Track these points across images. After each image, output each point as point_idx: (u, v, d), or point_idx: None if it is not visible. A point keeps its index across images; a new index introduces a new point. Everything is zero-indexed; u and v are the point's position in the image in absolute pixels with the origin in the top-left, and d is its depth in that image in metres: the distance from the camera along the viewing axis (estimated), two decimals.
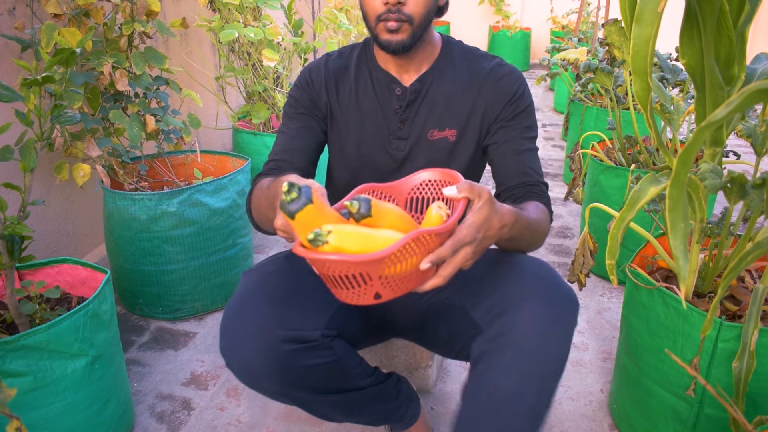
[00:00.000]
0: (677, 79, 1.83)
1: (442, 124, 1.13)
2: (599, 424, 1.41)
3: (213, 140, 2.83)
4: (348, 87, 1.15)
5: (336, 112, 1.16)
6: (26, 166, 1.10)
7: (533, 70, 6.27)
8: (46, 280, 1.35)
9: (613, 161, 2.09)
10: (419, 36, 1.05)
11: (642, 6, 0.79)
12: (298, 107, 1.16)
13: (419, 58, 1.12)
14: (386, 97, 1.14)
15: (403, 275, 0.75)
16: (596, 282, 2.09)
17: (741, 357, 1.02)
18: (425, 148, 1.14)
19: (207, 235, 1.75)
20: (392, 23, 1.02)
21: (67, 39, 1.44)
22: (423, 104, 1.13)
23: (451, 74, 1.13)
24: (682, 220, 0.70)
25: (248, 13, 2.31)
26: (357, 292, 0.75)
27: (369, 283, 0.73)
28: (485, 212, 0.80)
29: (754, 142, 1.14)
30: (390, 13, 1.01)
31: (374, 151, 1.15)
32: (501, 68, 1.13)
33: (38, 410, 1.11)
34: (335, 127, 1.17)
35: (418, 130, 1.13)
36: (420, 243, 0.74)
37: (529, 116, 1.13)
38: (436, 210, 0.81)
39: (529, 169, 1.10)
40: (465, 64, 1.14)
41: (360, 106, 1.15)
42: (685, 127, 3.38)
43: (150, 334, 1.77)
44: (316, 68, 1.17)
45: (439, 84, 1.13)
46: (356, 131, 1.15)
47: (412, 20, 1.02)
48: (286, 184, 0.72)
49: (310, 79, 1.16)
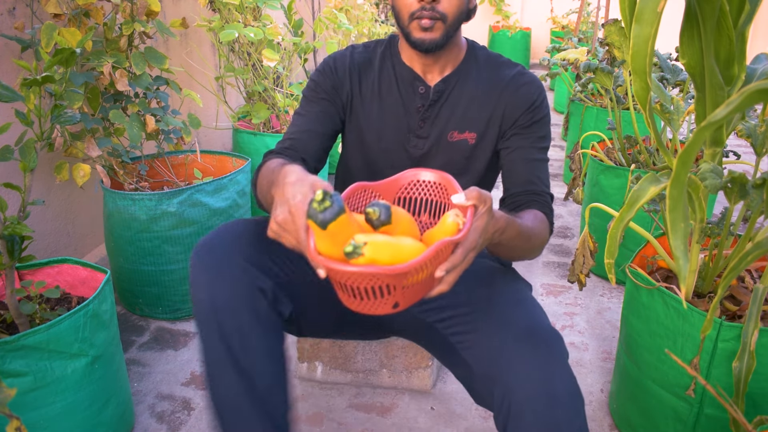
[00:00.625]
0: (677, 79, 1.83)
1: (462, 126, 1.13)
2: (599, 424, 1.41)
3: (213, 140, 2.83)
4: (371, 80, 1.16)
5: (357, 104, 1.16)
6: (26, 166, 1.10)
7: (533, 70, 6.26)
8: (46, 280, 1.35)
9: (613, 161, 2.09)
10: (451, 35, 1.05)
11: (642, 6, 0.79)
12: (319, 91, 1.16)
13: (445, 59, 1.12)
14: (409, 95, 1.14)
15: (420, 283, 0.75)
16: (596, 282, 2.09)
17: (741, 357, 1.02)
18: (444, 148, 1.14)
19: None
20: (426, 21, 1.02)
21: (67, 39, 1.44)
22: (445, 105, 1.13)
23: (474, 78, 1.14)
24: (682, 220, 0.70)
25: (248, 13, 2.31)
26: (377, 302, 0.74)
27: (393, 293, 0.73)
28: (486, 217, 0.81)
29: (754, 142, 1.14)
30: (424, 10, 1.01)
31: (393, 146, 1.16)
32: (522, 77, 1.13)
33: (38, 410, 1.11)
34: (354, 117, 1.17)
35: (438, 131, 1.14)
36: (442, 252, 0.74)
37: (543, 126, 1.13)
38: (452, 218, 0.81)
39: (536, 179, 1.10)
40: (488, 69, 1.15)
41: (382, 100, 1.15)
42: (685, 127, 3.38)
43: (150, 334, 1.77)
44: (341, 57, 1.17)
45: (463, 87, 1.13)
46: (376, 125, 1.16)
47: (446, 18, 1.03)
48: (320, 192, 0.70)
49: (335, 67, 1.16)
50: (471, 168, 1.16)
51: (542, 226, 1.02)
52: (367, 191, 0.94)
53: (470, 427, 1.40)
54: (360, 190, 0.92)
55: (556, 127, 4.07)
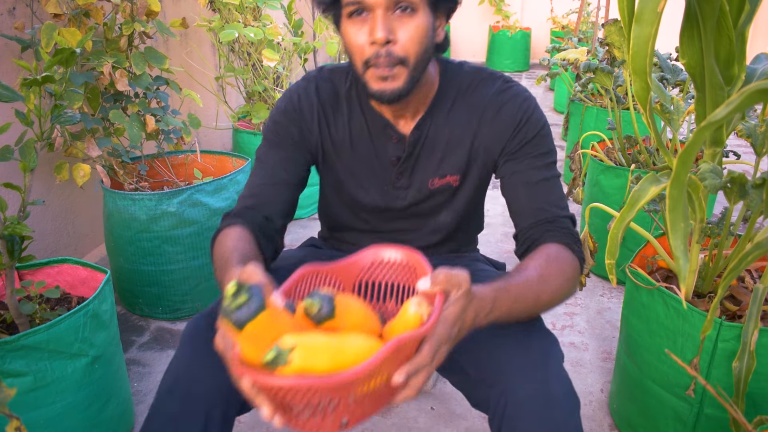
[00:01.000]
0: (677, 79, 1.83)
1: (442, 171, 1.02)
2: (599, 424, 1.41)
3: (213, 140, 2.83)
4: (341, 125, 1.02)
5: (328, 148, 1.03)
6: (26, 166, 1.10)
7: (533, 70, 6.27)
8: (46, 280, 1.35)
9: (613, 161, 2.09)
10: (417, 79, 0.90)
11: (641, 6, 0.79)
12: (282, 135, 1.02)
13: (416, 101, 0.98)
14: (382, 144, 1.01)
15: (374, 393, 0.62)
16: (596, 282, 2.09)
17: (741, 357, 1.02)
18: (427, 195, 1.04)
19: (207, 235, 1.75)
20: (383, 69, 0.86)
21: (67, 39, 1.44)
22: (422, 153, 1.01)
23: (449, 113, 1.00)
24: (682, 220, 0.70)
25: (248, 13, 2.31)
26: (317, 421, 0.61)
27: (337, 408, 0.60)
28: (461, 303, 0.70)
29: (754, 142, 1.14)
30: (379, 57, 0.86)
31: (373, 199, 1.05)
32: (502, 95, 0.98)
33: (38, 410, 1.11)
34: (328, 160, 1.05)
35: (418, 181, 1.03)
36: (401, 350, 0.61)
37: (540, 142, 0.97)
38: (414, 308, 0.67)
39: (544, 204, 0.95)
40: (464, 95, 1.00)
41: (355, 150, 1.03)
42: (685, 127, 3.37)
43: (150, 334, 1.77)
44: (305, 94, 1.02)
45: (438, 127, 1.00)
46: (352, 178, 1.04)
47: (407, 61, 0.87)
48: (231, 285, 0.58)
49: (299, 108, 1.01)
50: (455, 206, 1.06)
51: (558, 267, 0.87)
52: (320, 276, 0.79)
53: (470, 427, 1.40)
54: (311, 274, 0.78)
55: (556, 127, 4.07)
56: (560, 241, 0.91)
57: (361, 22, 0.86)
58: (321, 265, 0.80)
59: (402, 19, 0.85)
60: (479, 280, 1.01)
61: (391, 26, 0.85)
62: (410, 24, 0.85)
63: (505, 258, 2.25)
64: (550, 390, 0.81)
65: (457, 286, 0.70)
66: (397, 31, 0.85)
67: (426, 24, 0.87)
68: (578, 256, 0.91)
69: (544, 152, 0.97)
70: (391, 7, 0.84)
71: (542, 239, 0.93)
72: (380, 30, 0.83)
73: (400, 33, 0.85)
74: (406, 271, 0.81)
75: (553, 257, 0.88)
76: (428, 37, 0.88)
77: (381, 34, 0.83)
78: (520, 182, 0.96)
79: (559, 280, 0.86)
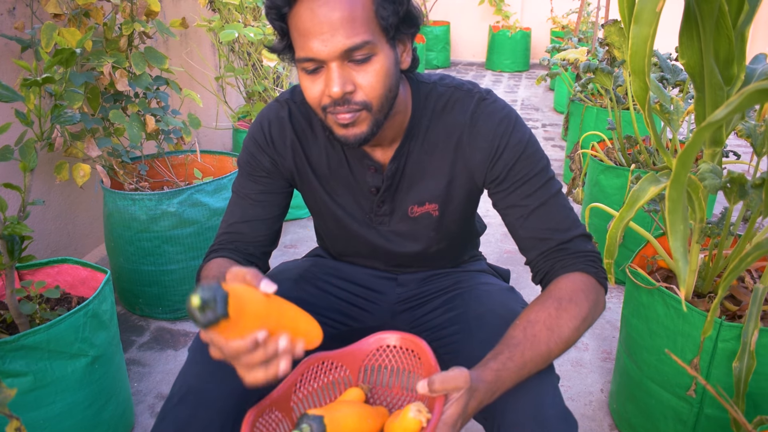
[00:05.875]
0: (677, 79, 1.83)
1: (421, 199, 0.97)
2: (599, 424, 1.41)
3: (213, 140, 2.83)
4: (317, 151, 0.97)
5: (308, 176, 0.99)
6: (26, 166, 1.10)
7: (533, 70, 6.26)
8: (46, 280, 1.35)
9: (613, 161, 2.09)
10: (382, 122, 0.84)
11: (641, 6, 0.79)
12: (256, 167, 0.97)
13: (391, 130, 0.91)
14: (361, 174, 0.96)
15: None
16: None
17: (741, 357, 1.02)
18: (409, 222, 0.99)
19: (207, 235, 1.75)
20: (344, 116, 0.80)
21: (67, 39, 1.44)
22: (401, 182, 0.96)
23: (425, 138, 0.94)
24: (681, 221, 0.70)
25: (248, 13, 2.31)
26: None
27: None
28: (462, 402, 0.70)
29: (754, 142, 1.14)
30: (336, 105, 0.80)
31: (357, 228, 1.01)
32: (476, 116, 0.91)
33: (38, 410, 1.11)
34: (307, 186, 1.01)
35: (399, 210, 0.99)
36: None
37: (525, 165, 0.89)
38: (414, 414, 0.69)
39: (546, 233, 0.89)
40: (440, 117, 0.93)
41: (334, 175, 0.98)
42: (684, 127, 3.37)
43: (150, 334, 1.77)
44: (277, 121, 0.96)
45: (416, 155, 0.95)
46: (334, 202, 1.00)
47: (370, 107, 0.81)
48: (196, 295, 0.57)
49: (271, 139, 0.96)
50: (440, 237, 1.02)
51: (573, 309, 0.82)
52: (326, 362, 0.81)
53: (470, 428, 1.40)
54: (317, 362, 0.79)
55: (556, 127, 4.07)
56: (574, 270, 0.87)
57: (316, 75, 0.81)
58: (327, 354, 0.80)
59: (361, 67, 0.79)
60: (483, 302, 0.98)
61: (347, 77, 0.79)
62: (369, 70, 0.79)
63: (506, 258, 2.25)
64: (543, 414, 0.80)
65: (456, 389, 0.70)
66: (356, 79, 0.79)
67: (387, 64, 0.80)
68: (598, 277, 0.87)
69: (534, 175, 0.89)
70: (346, 58, 0.78)
71: (554, 272, 0.88)
72: (336, 84, 0.77)
73: (360, 79, 0.79)
74: (409, 356, 0.82)
75: (566, 299, 0.83)
76: (392, 75, 0.82)
77: (337, 89, 0.78)
78: (516, 216, 0.91)
79: (575, 322, 0.81)
